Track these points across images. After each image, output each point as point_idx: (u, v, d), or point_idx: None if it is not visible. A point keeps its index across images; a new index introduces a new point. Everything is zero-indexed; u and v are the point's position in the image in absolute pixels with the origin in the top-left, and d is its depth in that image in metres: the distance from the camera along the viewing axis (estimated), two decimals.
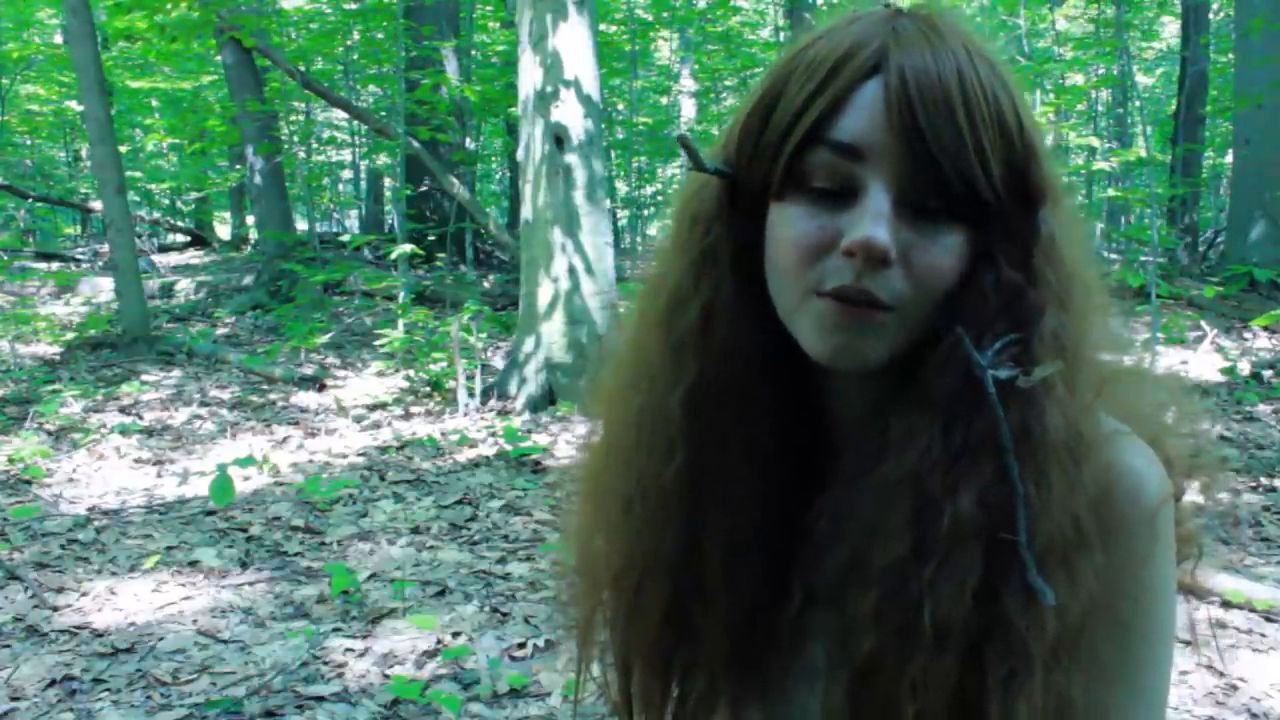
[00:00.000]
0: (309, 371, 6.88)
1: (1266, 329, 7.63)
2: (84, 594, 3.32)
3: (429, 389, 6.30)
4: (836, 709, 0.71)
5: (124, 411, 5.92)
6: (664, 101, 16.42)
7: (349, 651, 2.90)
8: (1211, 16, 12.81)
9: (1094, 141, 11.78)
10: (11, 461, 4.84)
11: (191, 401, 6.17)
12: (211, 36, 9.27)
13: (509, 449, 4.94)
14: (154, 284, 10.14)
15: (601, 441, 0.84)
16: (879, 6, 0.73)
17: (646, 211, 14.78)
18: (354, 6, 10.37)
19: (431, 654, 2.89)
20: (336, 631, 3.04)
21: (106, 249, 10.20)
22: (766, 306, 0.74)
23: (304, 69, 9.03)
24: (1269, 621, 3.00)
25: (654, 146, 12.75)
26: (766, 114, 0.72)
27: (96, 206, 11.54)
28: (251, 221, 12.65)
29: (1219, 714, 2.51)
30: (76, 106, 11.75)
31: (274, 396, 6.34)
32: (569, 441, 5.07)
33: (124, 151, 11.90)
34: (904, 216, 0.67)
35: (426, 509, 4.17)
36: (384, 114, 10.71)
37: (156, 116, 15.65)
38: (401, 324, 6.98)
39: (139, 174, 14.79)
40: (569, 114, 5.66)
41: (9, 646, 2.94)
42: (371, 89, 12.87)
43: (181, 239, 15.17)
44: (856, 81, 0.68)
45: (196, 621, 3.11)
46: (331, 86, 10.54)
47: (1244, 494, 4.23)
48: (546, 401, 5.74)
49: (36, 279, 10.67)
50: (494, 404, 5.82)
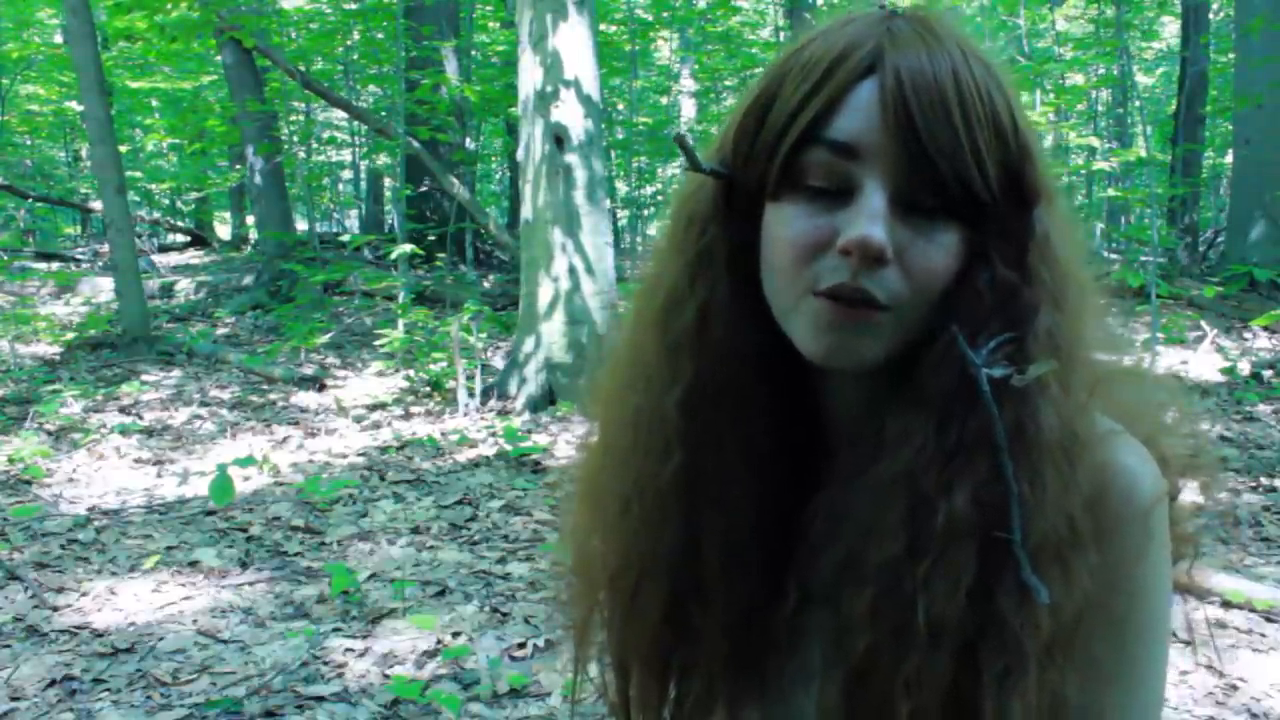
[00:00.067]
0: (309, 371, 6.88)
1: (1266, 329, 7.63)
2: (84, 594, 3.32)
3: (429, 389, 6.30)
4: (832, 708, 0.71)
5: (124, 411, 5.92)
6: (664, 101, 16.41)
7: (349, 651, 2.90)
8: (1211, 16, 12.80)
9: (1094, 141, 11.77)
10: (11, 461, 4.84)
11: (191, 401, 6.17)
12: (211, 36, 9.27)
13: (509, 449, 4.94)
14: (154, 284, 10.15)
15: (598, 442, 0.85)
16: (875, 8, 0.73)
17: (646, 211, 14.77)
18: (354, 6, 10.36)
19: (431, 654, 2.89)
20: (336, 631, 3.04)
21: (106, 249, 10.20)
22: (762, 307, 0.74)
23: (304, 69, 9.03)
24: (1269, 621, 3.00)
25: (654, 146, 12.73)
26: (762, 114, 0.72)
27: (96, 206, 11.54)
28: (251, 221, 12.64)
29: (1219, 714, 2.51)
30: (76, 106, 11.76)
31: (274, 396, 6.34)
32: (569, 441, 5.07)
33: (124, 151, 11.90)
34: (899, 216, 0.67)
35: (426, 509, 4.17)
36: (384, 114, 10.71)
37: (156, 116, 15.65)
38: (401, 324, 6.98)
39: (139, 174, 14.78)
40: (569, 114, 5.66)
41: (9, 646, 2.94)
42: (371, 89, 12.87)
43: (181, 239, 15.17)
44: (852, 82, 0.68)
45: (196, 621, 3.11)
46: (331, 86, 10.54)
47: (1244, 494, 4.23)
48: (546, 401, 5.74)
49: (36, 279, 10.67)
50: (494, 404, 5.82)
